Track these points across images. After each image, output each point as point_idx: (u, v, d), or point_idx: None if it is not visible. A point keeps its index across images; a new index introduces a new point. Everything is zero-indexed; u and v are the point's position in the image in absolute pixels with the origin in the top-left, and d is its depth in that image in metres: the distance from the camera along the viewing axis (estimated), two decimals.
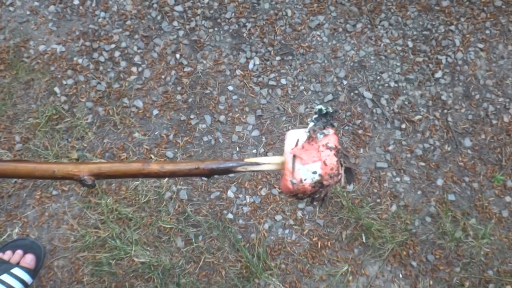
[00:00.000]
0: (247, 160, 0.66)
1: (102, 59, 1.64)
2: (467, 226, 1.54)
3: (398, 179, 1.58)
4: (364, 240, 1.52)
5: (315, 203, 0.68)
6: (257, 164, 0.66)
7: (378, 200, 1.56)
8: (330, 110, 0.66)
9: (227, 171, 0.66)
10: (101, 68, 1.63)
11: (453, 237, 1.52)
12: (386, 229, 1.52)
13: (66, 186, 1.53)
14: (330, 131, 0.65)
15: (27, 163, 0.60)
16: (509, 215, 1.56)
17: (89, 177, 0.61)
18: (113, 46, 1.65)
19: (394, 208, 1.55)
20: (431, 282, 1.50)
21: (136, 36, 1.66)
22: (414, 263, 1.51)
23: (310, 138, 0.64)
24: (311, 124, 0.65)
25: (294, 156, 0.64)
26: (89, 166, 0.62)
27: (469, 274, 1.51)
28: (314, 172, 0.63)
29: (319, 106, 0.65)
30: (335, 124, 0.59)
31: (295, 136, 0.65)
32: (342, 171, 0.65)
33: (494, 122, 1.63)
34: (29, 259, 1.44)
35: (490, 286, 1.51)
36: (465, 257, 1.52)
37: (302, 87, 1.64)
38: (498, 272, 1.52)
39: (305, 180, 0.63)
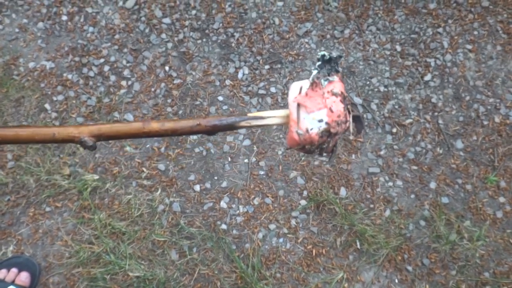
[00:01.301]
0: (250, 114, 0.63)
1: (91, 74, 1.64)
2: (462, 229, 1.53)
3: (390, 183, 1.58)
4: (358, 247, 1.52)
5: (324, 154, 0.64)
6: (261, 118, 0.62)
7: (372, 206, 1.56)
8: (334, 55, 0.61)
9: (230, 126, 0.62)
10: (90, 83, 1.64)
11: (448, 240, 1.52)
12: (380, 234, 1.52)
13: (60, 202, 1.53)
14: (335, 77, 0.61)
15: (28, 127, 0.59)
16: (504, 216, 1.55)
17: (90, 138, 0.61)
18: (102, 60, 1.66)
19: (387, 213, 1.55)
20: (427, 286, 1.50)
21: (125, 50, 1.67)
22: (409, 268, 1.51)
23: (314, 84, 0.60)
24: (315, 71, 0.61)
25: (299, 105, 0.60)
26: (90, 128, 0.62)
27: (465, 276, 1.50)
28: (320, 120, 0.59)
29: (322, 52, 0.61)
30: (340, 70, 0.56)
31: (298, 86, 0.61)
32: (350, 119, 0.61)
33: (485, 123, 1.62)
34: (24, 277, 1.44)
35: None
36: (461, 259, 1.52)
37: None
38: (494, 273, 1.51)
39: (311, 129, 0.59)
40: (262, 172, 1.58)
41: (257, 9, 1.72)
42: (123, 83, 1.64)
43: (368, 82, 1.65)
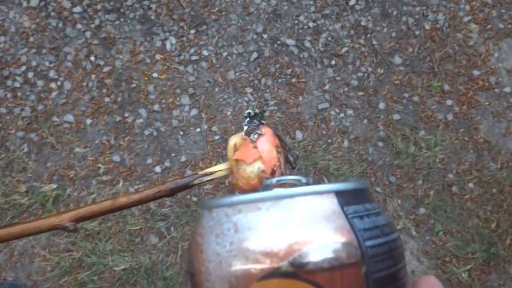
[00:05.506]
0: (200, 172, 0.72)
1: (17, 84, 1.57)
2: (418, 140, 1.58)
3: (342, 115, 1.60)
4: (326, 182, 1.56)
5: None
6: (210, 173, 0.73)
7: (329, 141, 1.58)
8: (257, 111, 0.71)
9: (186, 186, 0.72)
10: (19, 94, 1.57)
11: (407, 153, 1.57)
12: (343, 165, 1.56)
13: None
14: (263, 130, 0.70)
15: (17, 225, 0.71)
16: (454, 118, 1.61)
17: (70, 223, 0.70)
18: (24, 68, 1.58)
19: (346, 143, 1.58)
20: (399, 202, 1.56)
21: (44, 51, 1.59)
22: (378, 189, 1.57)
23: (245, 140, 0.71)
24: (245, 127, 0.71)
25: (237, 160, 0.70)
26: (69, 214, 0.72)
27: (431, 183, 1.57)
28: (259, 168, 0.69)
29: (247, 111, 0.70)
30: (265, 122, 0.64)
31: (233, 141, 0.71)
32: (282, 161, 0.70)
33: (417, 32, 1.64)
34: None
35: (453, 188, 1.58)
36: (424, 168, 1.58)
37: (225, 54, 1.61)
38: (457, 173, 1.58)
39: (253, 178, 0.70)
40: (217, 137, 1.58)
41: None
42: (52, 85, 1.57)
43: (296, 21, 1.64)
